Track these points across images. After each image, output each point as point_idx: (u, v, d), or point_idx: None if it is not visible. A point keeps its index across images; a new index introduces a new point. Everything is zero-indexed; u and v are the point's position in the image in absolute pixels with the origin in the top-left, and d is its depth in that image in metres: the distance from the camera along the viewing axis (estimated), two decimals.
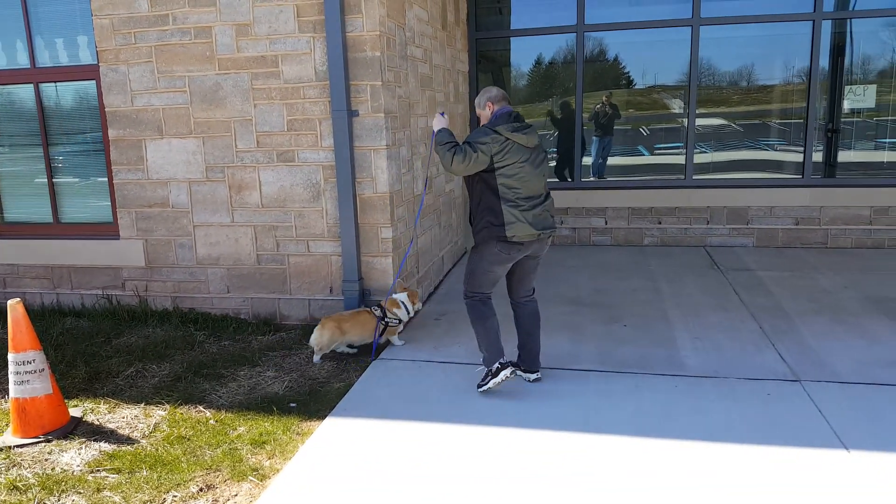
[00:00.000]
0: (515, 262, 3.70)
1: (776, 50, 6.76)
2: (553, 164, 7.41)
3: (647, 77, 7.13)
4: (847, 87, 6.63)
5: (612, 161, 7.41)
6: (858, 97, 6.62)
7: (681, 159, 7.10)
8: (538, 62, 7.36)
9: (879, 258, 6.37)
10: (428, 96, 5.67)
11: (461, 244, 7.00)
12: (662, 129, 7.21)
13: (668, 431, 3.29)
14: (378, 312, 4.40)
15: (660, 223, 7.12)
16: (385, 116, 4.56)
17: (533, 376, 3.88)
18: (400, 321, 4.49)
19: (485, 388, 3.69)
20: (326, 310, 4.85)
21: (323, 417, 3.59)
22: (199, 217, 5.03)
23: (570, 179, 7.38)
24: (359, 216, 4.66)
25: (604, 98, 7.19)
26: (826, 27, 6.52)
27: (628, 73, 7.17)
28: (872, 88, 6.60)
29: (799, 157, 6.85)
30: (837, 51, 6.63)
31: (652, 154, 7.27)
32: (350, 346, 4.46)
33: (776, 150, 6.98)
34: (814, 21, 6.47)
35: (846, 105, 6.68)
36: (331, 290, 4.86)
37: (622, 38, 7.02)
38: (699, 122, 7.01)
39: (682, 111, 7.04)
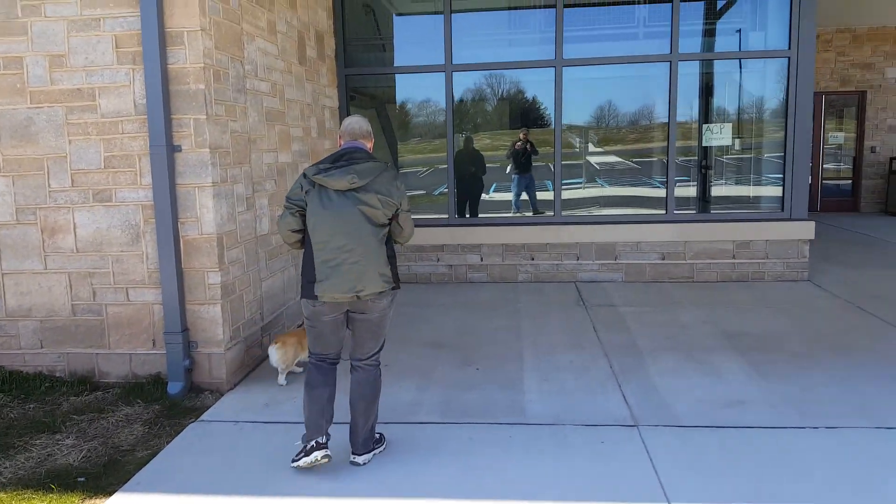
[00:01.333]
0: (350, 321, 3.29)
1: (640, 90, 6.93)
2: (426, 201, 7.26)
3: (516, 117, 7.14)
4: (704, 126, 6.85)
5: (487, 197, 7.33)
6: (715, 135, 6.84)
7: (552, 196, 7.10)
8: (420, 100, 7.23)
9: (741, 291, 6.51)
10: (279, 131, 5.37)
11: None
12: (536, 168, 7.21)
13: (491, 491, 3.05)
14: None
15: (532, 259, 7.06)
16: (212, 152, 4.22)
17: (357, 458, 3.30)
18: None
19: (295, 465, 3.20)
20: (149, 365, 4.39)
21: (111, 493, 3.14)
22: (7, 264, 4.47)
23: (445, 216, 7.23)
24: (182, 260, 4.25)
25: (521, 135, 7.12)
26: (685, 68, 6.73)
27: (499, 111, 7.16)
28: (728, 126, 6.84)
29: (663, 193, 6.99)
30: (701, 91, 6.86)
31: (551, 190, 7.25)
32: (299, 364, 4.52)
33: (642, 187, 7.11)
34: (671, 62, 6.68)
35: (704, 142, 6.89)
36: (154, 343, 4.40)
37: (492, 79, 7.01)
38: (566, 160, 7.05)
39: (550, 149, 7.06)
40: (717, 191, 7.05)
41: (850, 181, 12.68)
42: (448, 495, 3.03)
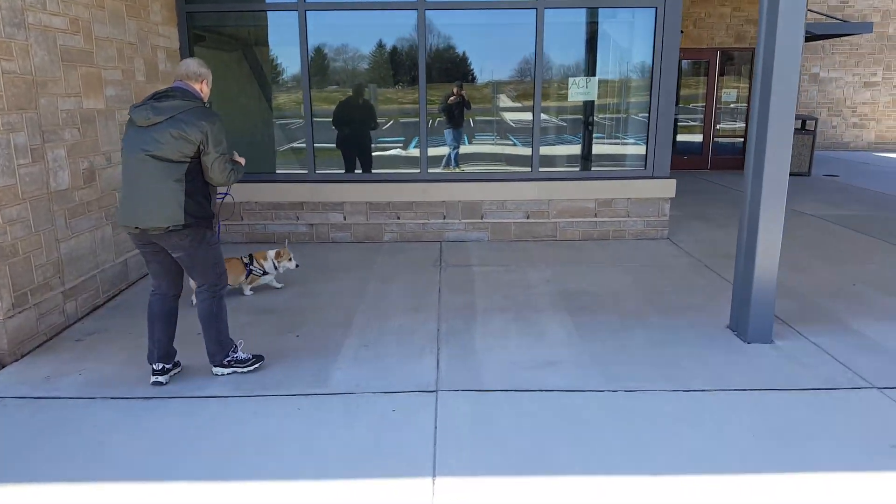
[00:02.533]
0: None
1: (508, 40, 6.62)
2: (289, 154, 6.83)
3: (378, 66, 6.74)
4: (570, 80, 6.65)
5: (351, 154, 6.95)
6: (581, 90, 6.67)
7: (417, 153, 6.80)
8: (283, 43, 6.63)
9: (599, 249, 6.46)
10: (84, 73, 4.81)
11: None
12: (402, 124, 6.86)
13: (239, 469, 2.81)
14: (247, 260, 5.04)
15: (398, 218, 6.78)
16: None
17: (214, 369, 3.73)
18: (265, 272, 5.12)
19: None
20: None
21: None
22: None
23: (304, 171, 6.82)
24: None
25: (454, 89, 6.68)
26: (553, 17, 6.46)
27: (358, 59, 6.73)
28: (594, 81, 6.67)
29: (529, 151, 6.80)
30: (569, 43, 6.62)
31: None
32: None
33: (510, 144, 6.89)
34: (536, 9, 6.40)
35: (570, 97, 6.71)
36: None
37: (349, 20, 6.55)
38: (433, 116, 6.75)
39: (414, 103, 6.72)
40: (583, 148, 6.92)
41: (743, 139, 12.94)
42: (198, 476, 2.77)
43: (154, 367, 3.61)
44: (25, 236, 4.16)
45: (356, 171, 6.90)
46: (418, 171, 6.81)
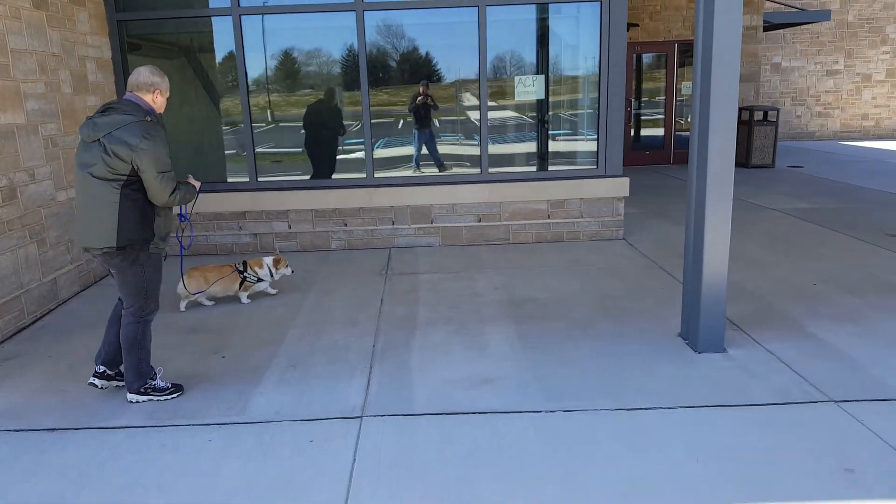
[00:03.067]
0: None
1: (453, 39, 6.41)
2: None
3: (320, 69, 6.49)
4: (516, 78, 6.46)
5: (295, 159, 6.70)
6: (528, 88, 6.48)
7: (362, 156, 6.57)
8: (226, 49, 6.34)
9: (552, 252, 6.29)
10: None
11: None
12: (350, 125, 6.62)
13: None
14: (241, 268, 4.96)
15: (346, 225, 6.55)
16: None
17: (128, 395, 3.52)
18: (259, 279, 5.02)
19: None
20: None
21: None
22: None
23: (245, 179, 6.55)
24: None
25: (420, 89, 6.41)
26: (496, 14, 6.26)
27: (298, 63, 6.47)
28: (541, 79, 6.49)
29: (477, 151, 6.60)
30: (514, 40, 6.43)
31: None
32: (211, 298, 4.98)
33: (458, 145, 6.69)
34: (478, 7, 6.20)
35: (517, 96, 6.52)
36: None
37: (289, 22, 6.29)
38: (376, 119, 6.51)
39: (357, 105, 6.48)
40: (533, 148, 6.74)
41: None
42: None
43: (97, 368, 3.58)
44: None
45: (301, 178, 6.65)
46: (364, 175, 6.58)
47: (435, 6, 6.21)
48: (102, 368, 3.56)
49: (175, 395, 3.55)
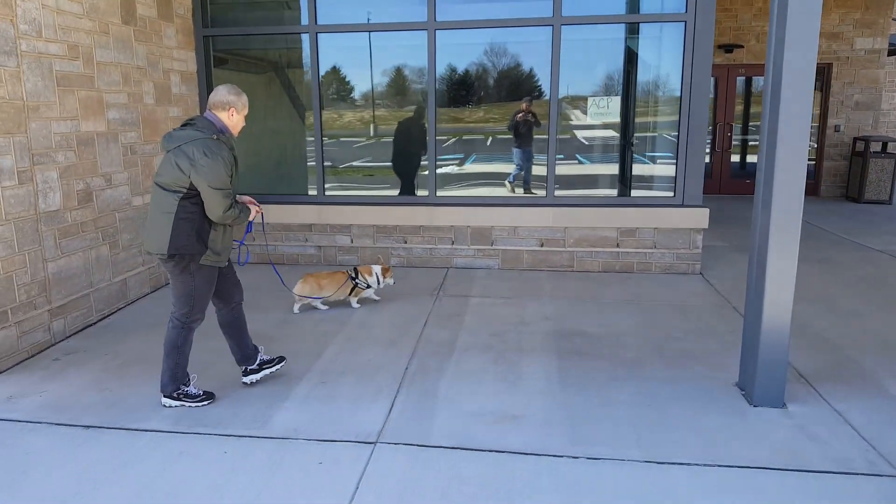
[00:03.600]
0: None
1: (524, 58, 6.28)
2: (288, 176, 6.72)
3: (390, 84, 6.54)
4: (590, 99, 6.22)
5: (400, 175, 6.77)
6: (602, 110, 6.22)
7: (427, 174, 6.54)
8: (307, 64, 6.52)
9: (618, 283, 5.96)
10: (82, 97, 4.85)
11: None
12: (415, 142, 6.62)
13: None
14: (353, 274, 5.22)
15: (406, 242, 6.53)
16: None
17: (162, 399, 3.64)
18: (368, 286, 5.27)
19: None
20: None
21: None
22: None
23: (313, 193, 6.69)
24: None
25: (523, 105, 6.37)
26: (570, 33, 6.08)
27: (371, 81, 6.55)
28: (616, 100, 6.21)
29: (544, 173, 6.39)
30: (589, 60, 6.21)
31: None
32: (324, 302, 5.25)
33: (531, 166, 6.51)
34: (553, 26, 6.03)
35: (590, 118, 6.27)
36: None
37: (363, 41, 6.40)
38: (441, 136, 6.47)
39: (424, 122, 6.47)
40: (605, 172, 6.44)
41: (812, 163, 11.93)
42: None
43: (241, 369, 3.87)
44: (7, 256, 4.18)
45: (367, 192, 6.71)
46: (427, 194, 6.54)
47: (509, 26, 6.10)
48: (243, 367, 3.84)
49: (205, 403, 3.62)
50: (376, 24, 6.25)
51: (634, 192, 6.37)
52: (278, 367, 3.90)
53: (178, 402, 3.59)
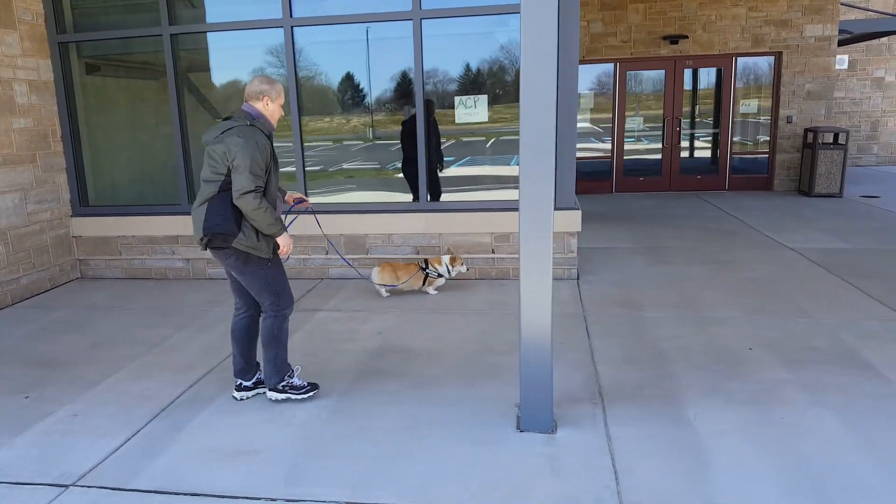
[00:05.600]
0: None
1: (388, 55, 5.93)
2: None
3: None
4: (457, 99, 5.85)
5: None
6: (469, 110, 5.85)
7: (297, 181, 6.22)
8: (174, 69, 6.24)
9: (482, 291, 5.58)
10: None
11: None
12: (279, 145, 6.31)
13: None
14: (423, 265, 5.45)
15: None
16: None
17: (268, 393, 3.65)
18: (439, 275, 5.49)
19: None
20: None
21: None
22: None
23: (178, 203, 6.41)
24: None
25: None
26: (431, 28, 5.72)
27: (227, 80, 6.24)
28: (484, 99, 5.83)
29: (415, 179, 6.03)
30: (455, 56, 5.85)
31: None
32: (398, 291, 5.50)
33: (397, 171, 6.16)
34: (412, 20, 5.68)
35: (458, 119, 5.90)
36: None
37: (218, 42, 6.10)
38: (310, 138, 6.15)
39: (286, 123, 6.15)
40: (476, 175, 6.07)
41: (765, 156, 11.41)
42: None
43: (235, 382, 3.72)
44: None
45: None
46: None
47: (367, 21, 5.76)
48: (239, 381, 3.69)
49: (311, 394, 3.62)
50: (230, 23, 5.95)
51: (509, 196, 5.98)
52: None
53: (283, 396, 3.57)
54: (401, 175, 6.14)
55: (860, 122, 15.09)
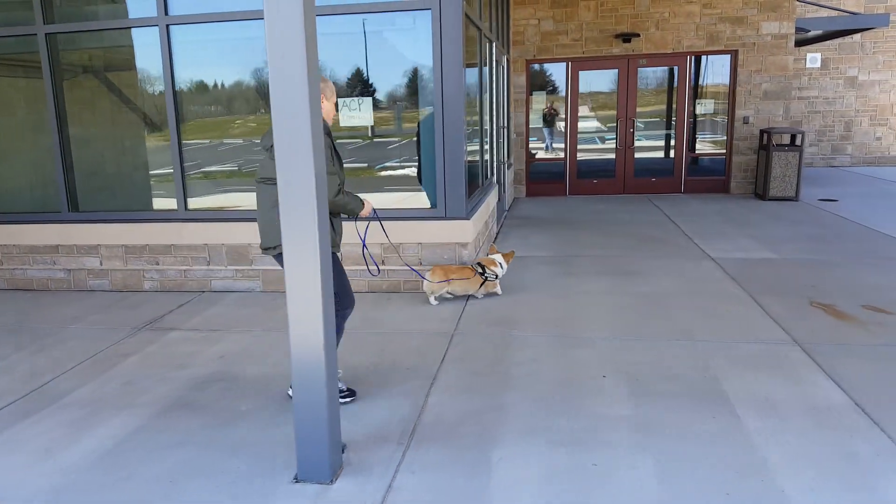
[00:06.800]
0: None
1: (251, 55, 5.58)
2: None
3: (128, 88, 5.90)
4: (340, 101, 5.51)
5: (106, 185, 6.15)
6: (354, 112, 5.50)
7: (174, 187, 5.90)
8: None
9: (367, 307, 5.25)
10: None
11: None
12: (156, 149, 5.98)
13: None
14: (479, 269, 5.23)
15: (158, 264, 5.90)
16: None
17: None
18: (497, 276, 5.31)
19: None
20: None
21: None
22: None
23: (57, 211, 6.09)
24: None
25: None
26: (324, 26, 5.37)
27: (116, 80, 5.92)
28: (368, 102, 5.48)
29: None
30: (340, 55, 5.50)
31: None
32: (451, 293, 5.27)
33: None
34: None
35: (342, 122, 5.56)
36: None
37: (93, 41, 5.79)
38: (190, 139, 5.82)
39: (161, 127, 5.82)
40: (367, 180, 5.73)
41: (722, 158, 11.00)
42: None
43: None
44: None
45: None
46: (176, 208, 5.90)
47: (246, 18, 5.43)
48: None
49: (349, 400, 3.53)
50: (111, 22, 5.63)
51: (400, 202, 5.64)
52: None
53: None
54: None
55: (834, 122, 14.65)
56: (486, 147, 7.73)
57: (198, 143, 5.86)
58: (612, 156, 11.18)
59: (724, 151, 10.95)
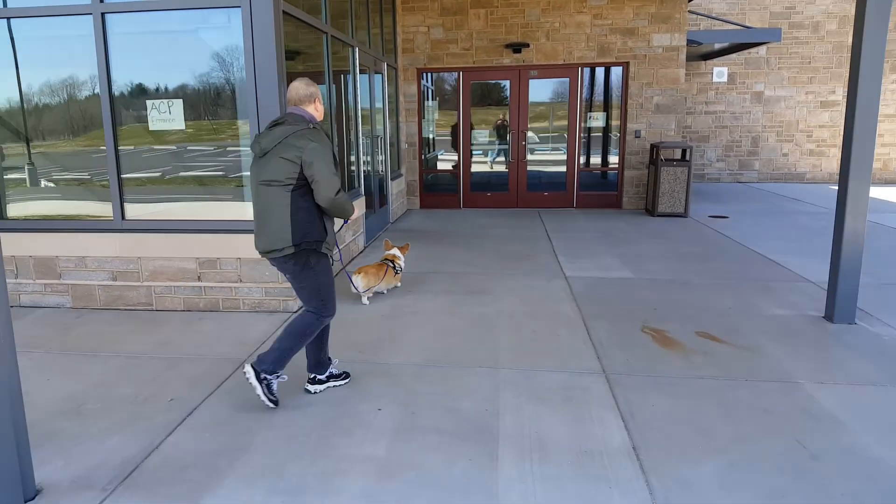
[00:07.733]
0: None
1: (65, 52, 5.13)
2: None
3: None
4: (149, 103, 5.08)
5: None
6: (163, 115, 5.08)
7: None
8: None
9: (184, 327, 4.83)
10: None
11: None
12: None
13: None
14: (391, 264, 5.54)
15: None
16: None
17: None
18: (401, 269, 5.71)
19: None
20: None
21: None
22: None
23: None
24: None
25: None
26: (117, 24, 4.94)
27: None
28: (179, 104, 5.07)
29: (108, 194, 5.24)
30: (151, 57, 5.08)
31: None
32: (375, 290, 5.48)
33: (89, 185, 5.35)
34: (93, 14, 4.88)
35: (151, 125, 5.13)
36: None
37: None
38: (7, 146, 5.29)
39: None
40: (179, 192, 5.32)
41: (615, 173, 10.97)
42: None
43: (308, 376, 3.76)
44: None
45: None
46: None
47: (51, 15, 4.95)
48: (313, 374, 3.72)
49: (271, 405, 3.48)
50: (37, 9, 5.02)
51: (219, 213, 5.24)
52: (343, 381, 3.81)
53: (259, 386, 3.41)
54: (91, 186, 5.33)
55: (741, 137, 14.93)
56: (353, 158, 7.41)
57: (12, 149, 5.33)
58: (505, 169, 11.01)
59: (617, 166, 10.93)
